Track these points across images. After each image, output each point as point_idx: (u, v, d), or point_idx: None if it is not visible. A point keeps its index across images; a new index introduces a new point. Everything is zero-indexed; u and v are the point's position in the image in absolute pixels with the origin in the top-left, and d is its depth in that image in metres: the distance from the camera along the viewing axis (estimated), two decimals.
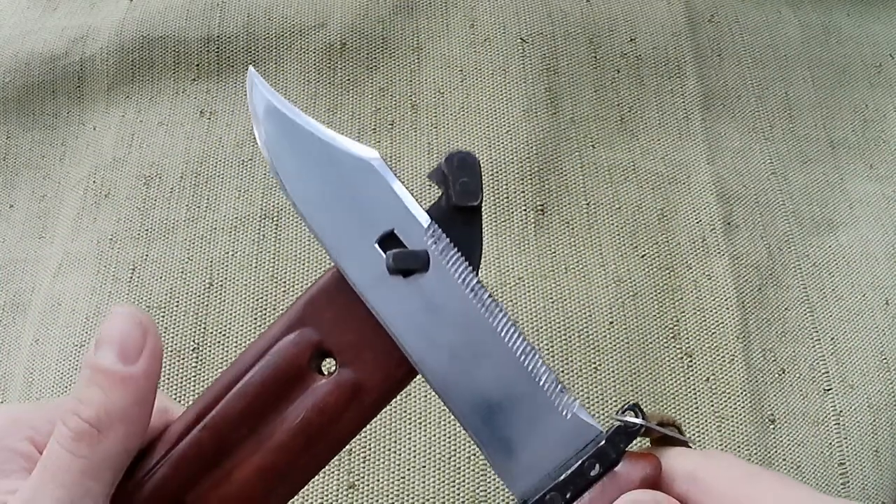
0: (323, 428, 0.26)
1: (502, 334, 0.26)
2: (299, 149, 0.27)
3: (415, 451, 0.41)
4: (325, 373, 0.27)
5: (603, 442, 0.26)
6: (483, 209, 0.47)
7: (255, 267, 0.46)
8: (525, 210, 0.47)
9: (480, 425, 0.26)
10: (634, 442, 0.26)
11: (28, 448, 0.26)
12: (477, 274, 0.26)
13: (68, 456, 0.24)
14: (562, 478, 0.25)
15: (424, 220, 0.26)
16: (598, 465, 0.25)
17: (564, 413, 0.26)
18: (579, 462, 0.26)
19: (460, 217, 0.26)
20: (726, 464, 0.25)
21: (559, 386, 0.26)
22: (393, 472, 0.40)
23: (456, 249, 0.26)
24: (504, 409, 0.26)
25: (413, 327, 0.26)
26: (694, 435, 0.42)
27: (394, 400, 0.27)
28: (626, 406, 0.26)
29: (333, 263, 0.27)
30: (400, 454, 0.41)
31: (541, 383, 0.26)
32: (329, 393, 0.26)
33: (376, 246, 0.26)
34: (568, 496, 0.25)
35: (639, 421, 0.26)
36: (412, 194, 0.27)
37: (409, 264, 0.26)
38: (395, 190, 0.26)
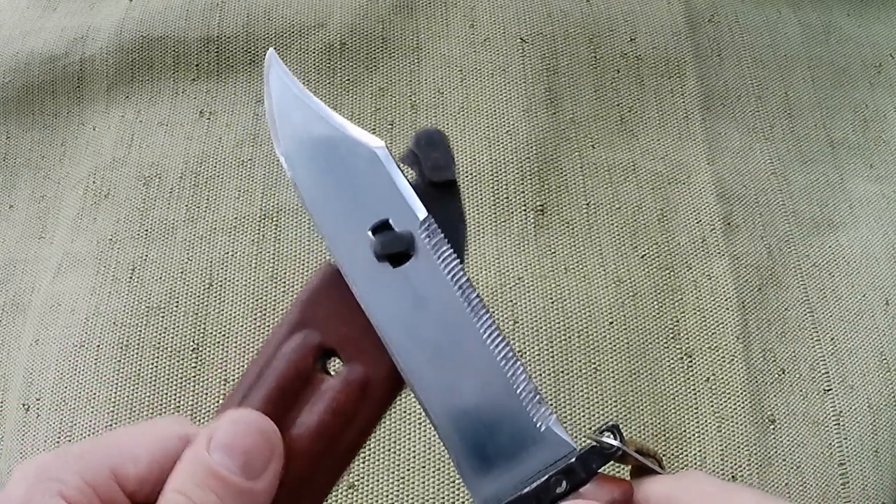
0: (340, 428, 0.26)
1: (485, 336, 0.25)
2: (307, 130, 0.27)
3: (415, 451, 0.41)
4: (332, 372, 0.26)
5: (573, 460, 0.25)
6: (482, 209, 0.47)
7: (255, 267, 0.46)
8: (525, 210, 0.47)
9: (450, 426, 0.25)
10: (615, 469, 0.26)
11: None
12: (463, 262, 0.26)
13: None
14: (525, 490, 0.25)
15: (421, 212, 0.26)
16: (565, 483, 0.24)
17: (539, 425, 0.25)
18: (545, 477, 0.25)
19: (439, 195, 0.26)
20: (701, 482, 0.25)
21: (537, 396, 0.25)
22: (393, 472, 0.40)
23: (448, 246, 0.26)
24: (477, 413, 0.25)
25: (397, 320, 0.25)
26: (694, 435, 0.42)
27: (394, 400, 0.27)
28: (604, 426, 0.25)
29: (328, 252, 0.26)
30: (400, 454, 0.41)
31: (518, 391, 0.25)
32: (339, 392, 0.26)
33: (369, 233, 0.26)
34: None
35: (615, 443, 0.25)
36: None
37: (394, 247, 0.26)
38: (395, 180, 0.26)
